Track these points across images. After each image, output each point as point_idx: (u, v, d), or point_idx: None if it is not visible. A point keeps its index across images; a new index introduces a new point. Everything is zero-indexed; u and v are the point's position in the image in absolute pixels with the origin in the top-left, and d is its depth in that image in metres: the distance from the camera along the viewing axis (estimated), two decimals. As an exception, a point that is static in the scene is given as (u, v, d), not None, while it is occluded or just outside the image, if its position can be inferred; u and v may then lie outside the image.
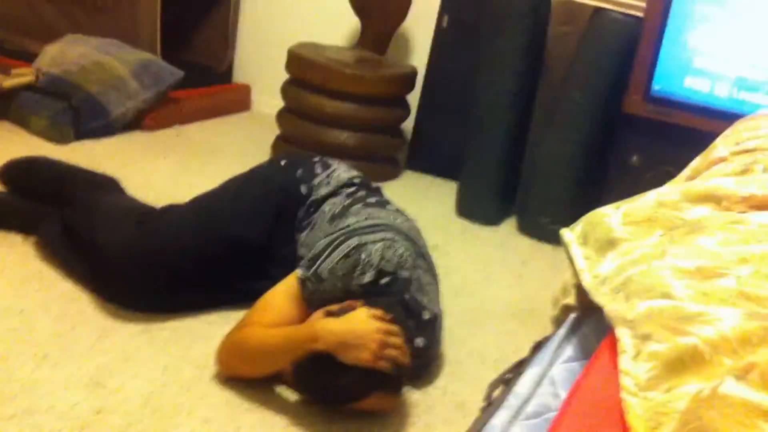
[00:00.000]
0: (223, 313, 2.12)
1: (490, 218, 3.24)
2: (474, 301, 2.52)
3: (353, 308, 1.76)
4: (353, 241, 1.94)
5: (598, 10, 3.00)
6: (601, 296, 1.03)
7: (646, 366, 0.91)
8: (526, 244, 3.10)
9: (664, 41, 2.77)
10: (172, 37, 3.86)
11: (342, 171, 2.25)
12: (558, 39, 3.36)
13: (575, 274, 1.13)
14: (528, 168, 3.26)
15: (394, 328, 1.73)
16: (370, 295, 1.84)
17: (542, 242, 3.09)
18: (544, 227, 3.06)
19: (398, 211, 2.20)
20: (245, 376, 1.85)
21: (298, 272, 1.92)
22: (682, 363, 0.89)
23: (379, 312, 1.74)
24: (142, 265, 2.05)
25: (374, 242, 1.93)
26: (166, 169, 3.19)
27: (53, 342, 1.89)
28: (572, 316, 1.17)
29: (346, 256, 1.90)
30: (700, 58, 2.76)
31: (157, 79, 3.59)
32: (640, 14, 2.87)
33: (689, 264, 0.98)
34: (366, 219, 2.05)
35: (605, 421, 0.91)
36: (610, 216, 1.13)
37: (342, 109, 3.34)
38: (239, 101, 4.22)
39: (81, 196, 2.27)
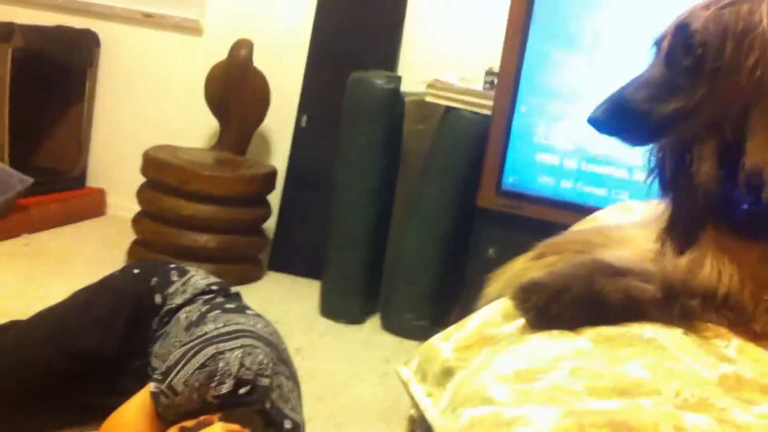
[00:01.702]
0: (71, 436, 1.99)
1: (354, 317, 3.23)
2: (338, 404, 2.48)
3: (208, 424, 1.69)
4: (210, 350, 1.87)
5: (449, 109, 3.11)
6: (436, 420, 1.06)
7: None
8: (390, 341, 3.09)
9: (512, 137, 2.90)
10: (21, 142, 3.73)
11: (198, 277, 2.18)
12: (413, 136, 3.44)
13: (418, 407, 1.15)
14: (390, 265, 3.29)
15: (251, 442, 1.68)
16: (229, 406, 1.77)
17: (406, 339, 3.08)
18: (407, 323, 3.08)
19: (258, 316, 2.15)
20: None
21: (151, 386, 1.83)
22: None
23: (236, 427, 1.68)
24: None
25: (232, 350, 1.87)
26: (14, 281, 3.04)
27: None
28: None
29: (202, 366, 1.83)
30: (545, 153, 2.89)
31: (4, 188, 3.44)
32: (489, 112, 2.99)
33: (508, 369, 1.01)
34: (224, 326, 1.99)
35: None
36: (442, 349, 1.16)
37: (201, 211, 3.30)
38: (93, 206, 4.09)
39: None
